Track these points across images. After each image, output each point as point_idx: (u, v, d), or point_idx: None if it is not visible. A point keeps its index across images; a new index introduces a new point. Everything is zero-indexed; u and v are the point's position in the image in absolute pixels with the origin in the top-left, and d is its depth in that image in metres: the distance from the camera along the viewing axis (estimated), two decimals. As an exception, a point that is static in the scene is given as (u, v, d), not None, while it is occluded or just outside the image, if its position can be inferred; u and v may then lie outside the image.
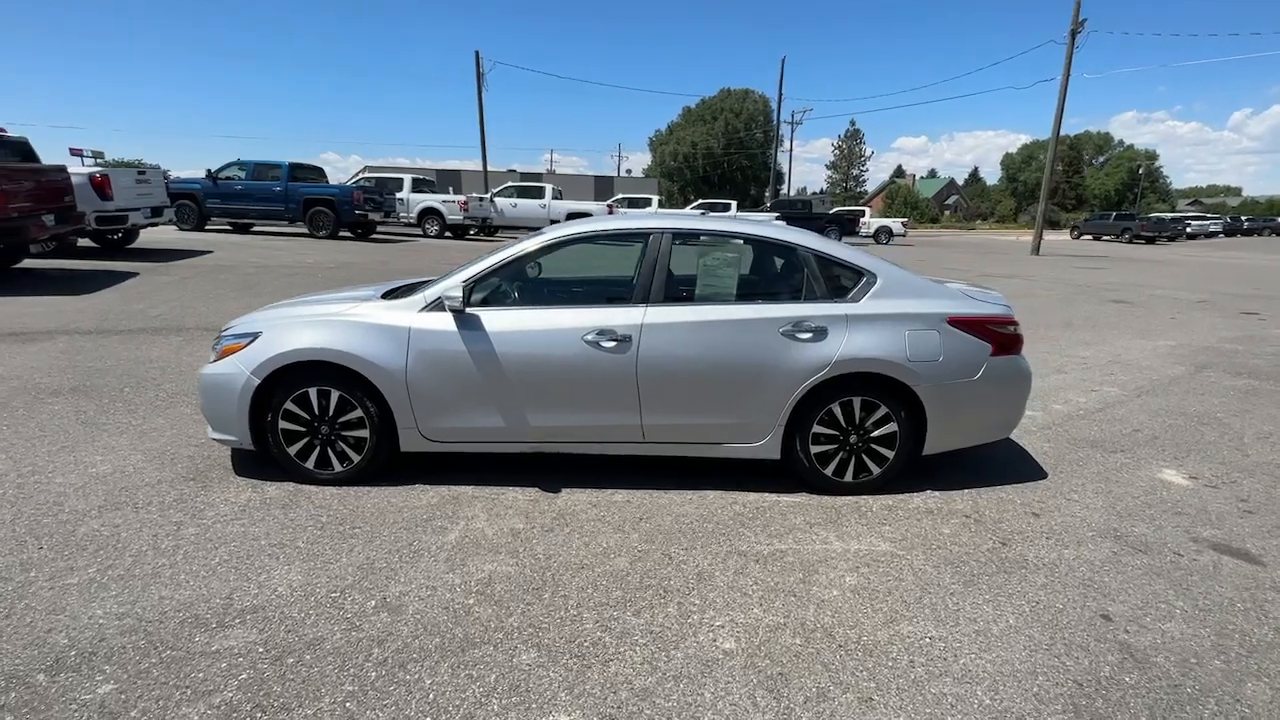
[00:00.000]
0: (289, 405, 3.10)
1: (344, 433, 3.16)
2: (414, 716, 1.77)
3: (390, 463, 3.24)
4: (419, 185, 18.09)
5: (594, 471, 3.36)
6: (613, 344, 3.05)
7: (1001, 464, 3.68)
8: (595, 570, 2.52)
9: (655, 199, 22.69)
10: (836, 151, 66.57)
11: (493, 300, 3.23)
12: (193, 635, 2.07)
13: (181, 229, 14.64)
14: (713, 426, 3.17)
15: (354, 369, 3.05)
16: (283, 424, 3.12)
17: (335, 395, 3.10)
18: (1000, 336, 3.22)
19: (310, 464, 3.17)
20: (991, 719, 1.81)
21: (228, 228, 15.84)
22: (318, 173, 15.51)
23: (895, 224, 28.17)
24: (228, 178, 14.53)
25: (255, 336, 3.14)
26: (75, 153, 18.99)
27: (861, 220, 26.98)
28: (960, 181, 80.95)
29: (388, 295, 3.34)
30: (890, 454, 3.20)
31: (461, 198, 17.64)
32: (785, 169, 49.52)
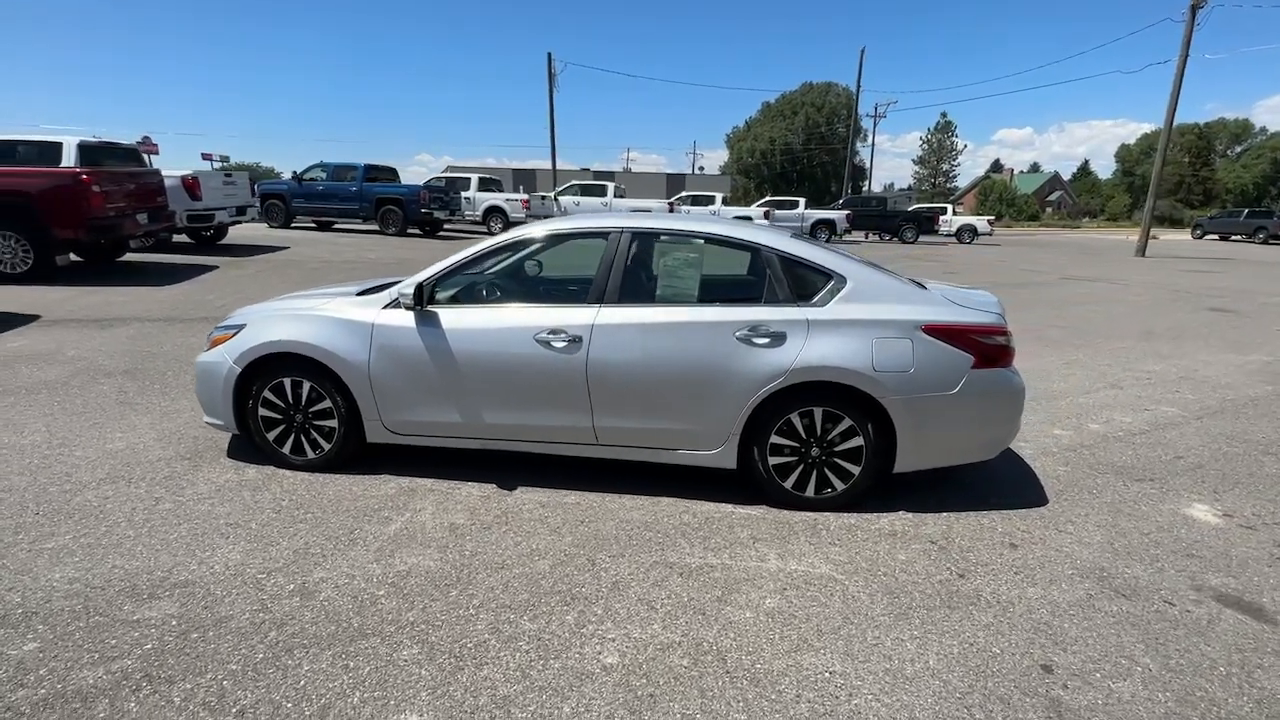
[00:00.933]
0: (267, 394, 3.30)
1: (316, 422, 3.32)
2: (278, 700, 1.84)
3: (359, 452, 3.38)
4: (485, 184, 18.75)
5: (556, 471, 3.35)
6: (564, 344, 3.03)
7: (1000, 486, 3.35)
8: (513, 571, 2.52)
9: (719, 196, 22.35)
10: (925, 146, 63.05)
11: (454, 298, 3.28)
12: (123, 604, 2.24)
13: (271, 226, 15.93)
14: (666, 432, 3.08)
15: (322, 361, 3.20)
16: (262, 411, 3.32)
17: (307, 386, 3.26)
18: (984, 347, 2.93)
19: (286, 449, 3.36)
20: (866, 768, 1.66)
21: (312, 225, 17.08)
22: (391, 173, 16.43)
23: (980, 222, 26.30)
24: (311, 179, 15.69)
25: (240, 328, 3.36)
26: (206, 157, 20.89)
27: (941, 218, 25.41)
28: (1067, 176, 74.57)
29: (364, 293, 3.48)
30: (856, 470, 3.00)
31: (524, 196, 18.14)
32: (868, 165, 47.58)
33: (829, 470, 3.02)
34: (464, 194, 18.05)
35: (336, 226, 17.35)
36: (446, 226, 18.27)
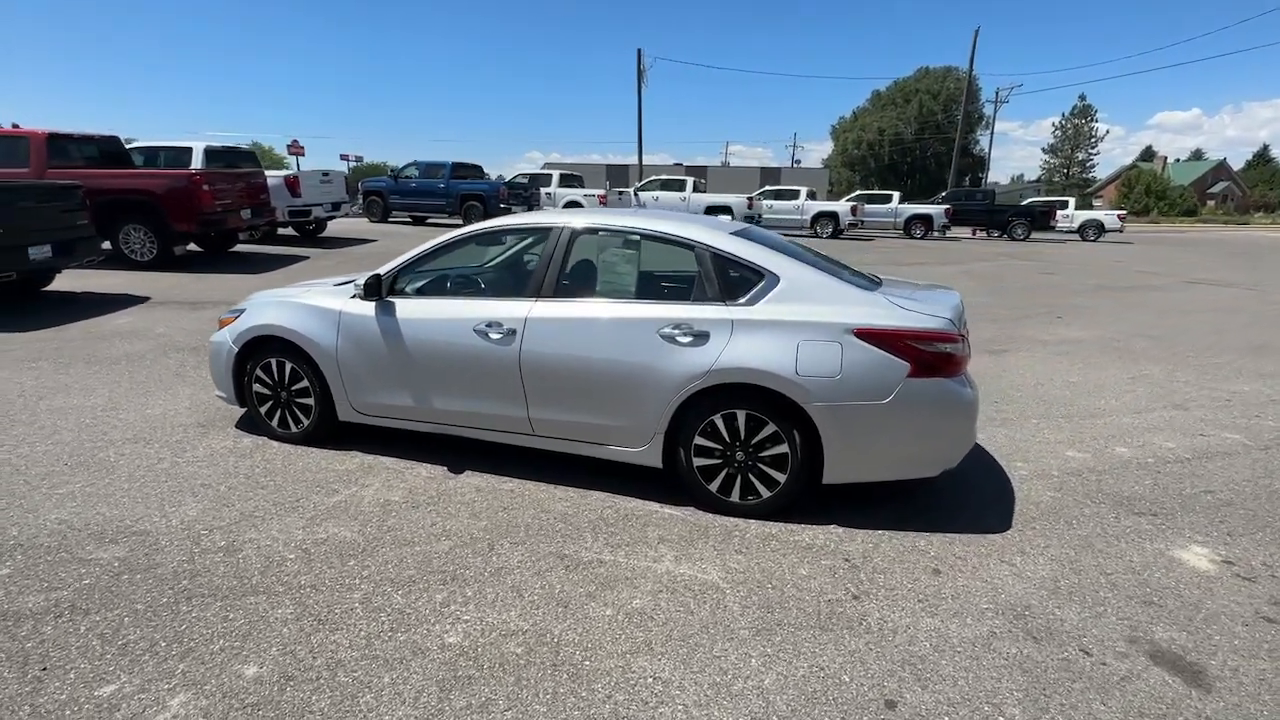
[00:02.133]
0: (259, 372, 3.68)
1: (298, 399, 3.66)
2: (156, 639, 2.09)
3: (334, 429, 3.68)
4: (566, 180, 19.34)
5: (509, 459, 3.47)
6: (499, 336, 3.13)
7: (965, 507, 3.07)
8: (414, 548, 2.67)
9: (803, 191, 21.50)
10: (1058, 133, 56.99)
11: (413, 289, 3.48)
12: (86, 545, 2.63)
13: (371, 220, 17.40)
14: (594, 426, 3.10)
15: (299, 345, 3.52)
16: (255, 387, 3.72)
17: (289, 366, 3.61)
18: (922, 355, 2.69)
19: (274, 423, 3.74)
20: (641, 776, 1.63)
21: (408, 220, 18.44)
22: (476, 170, 17.37)
23: (1107, 217, 23.46)
24: (406, 176, 16.96)
25: (242, 312, 3.77)
26: (344, 157, 22.99)
27: (1060, 213, 22.95)
28: (1239, 164, 64.50)
29: (341, 284, 3.77)
30: (782, 478, 2.87)
31: (601, 192, 18.51)
32: (988, 154, 43.79)
33: (754, 476, 2.92)
34: (545, 190, 18.72)
35: (430, 221, 18.61)
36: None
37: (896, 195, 22.46)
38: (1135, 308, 8.82)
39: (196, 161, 11.38)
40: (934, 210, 21.54)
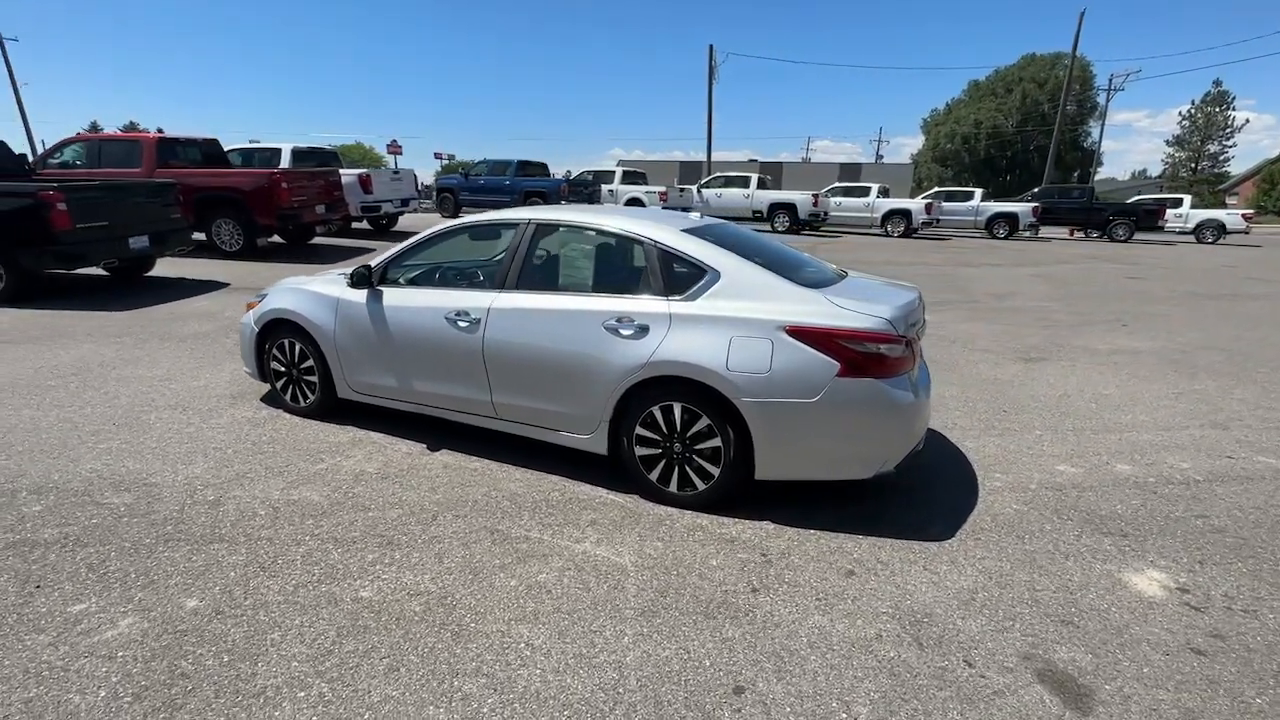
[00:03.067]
0: (275, 350, 4.11)
1: (305, 377, 4.06)
2: (129, 571, 2.46)
3: (336, 405, 4.04)
4: (629, 177, 19.59)
5: (484, 442, 3.68)
6: (466, 324, 3.36)
7: (915, 513, 2.99)
8: (368, 514, 2.93)
9: (874, 188, 20.61)
10: (1185, 123, 51.28)
11: (403, 280, 3.76)
12: (105, 491, 3.09)
13: (443, 216, 18.40)
14: (548, 413, 3.26)
15: (304, 328, 3.91)
16: (272, 364, 4.15)
17: (298, 347, 4.01)
18: (851, 354, 2.66)
19: (288, 397, 4.16)
20: (480, 726, 1.78)
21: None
22: (542, 168, 17.95)
23: (1229, 217, 20.98)
24: (476, 174, 17.80)
25: (264, 296, 4.21)
26: (438, 156, 24.37)
27: (1171, 212, 20.78)
28: None
29: (344, 273, 4.12)
30: (716, 471, 2.91)
31: (662, 189, 18.61)
32: (1098, 146, 40.20)
33: (690, 468, 2.98)
34: (607, 187, 19.06)
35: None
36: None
37: (979, 192, 21.12)
38: (1220, 319, 7.95)
39: (284, 161, 12.51)
40: (1020, 209, 20.10)
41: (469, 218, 3.74)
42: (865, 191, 20.43)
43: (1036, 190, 22.71)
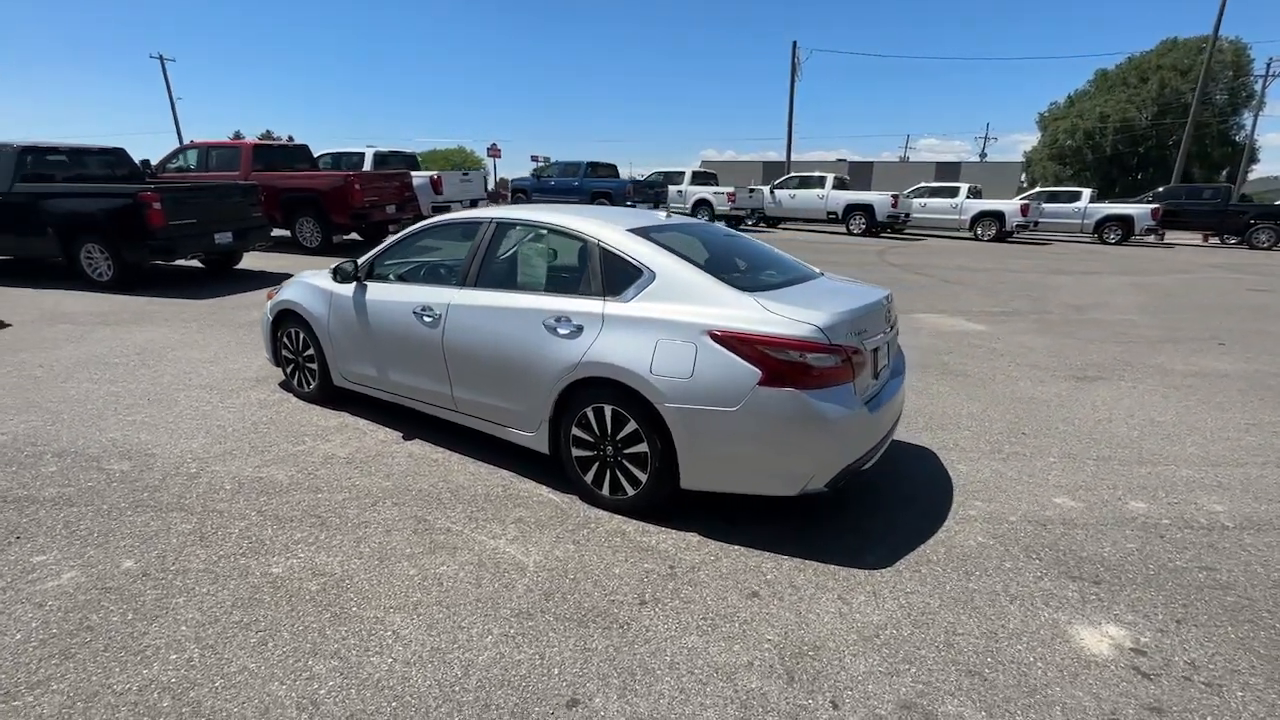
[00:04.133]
0: (284, 338, 4.44)
1: (308, 364, 4.35)
2: (94, 530, 2.74)
3: (334, 392, 4.30)
4: (698, 178, 19.41)
5: (454, 435, 3.79)
6: (430, 319, 3.47)
7: (860, 537, 2.77)
8: (317, 495, 3.10)
9: (964, 188, 19.12)
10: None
11: (389, 275, 3.94)
12: (111, 458, 3.46)
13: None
14: (499, 409, 3.30)
15: (304, 318, 4.19)
16: (282, 351, 4.48)
17: (301, 336, 4.30)
18: (773, 363, 2.49)
19: (295, 383, 4.48)
20: (349, 714, 1.84)
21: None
22: (611, 170, 18.17)
23: None
24: (547, 175, 18.32)
25: (279, 288, 4.55)
26: (534, 158, 25.43)
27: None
28: None
29: (349, 267, 4.37)
30: (644, 477, 2.83)
31: (729, 190, 18.27)
32: (1250, 140, 35.30)
33: (620, 472, 2.92)
34: (677, 188, 19.01)
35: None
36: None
37: (1087, 193, 19.14)
38: (1353, 339, 6.74)
39: (367, 164, 13.46)
40: (1136, 211, 18.04)
41: (441, 216, 3.87)
42: (953, 192, 19.09)
43: (1160, 190, 20.26)
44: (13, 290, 7.89)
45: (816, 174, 19.66)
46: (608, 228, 3.12)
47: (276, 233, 11.26)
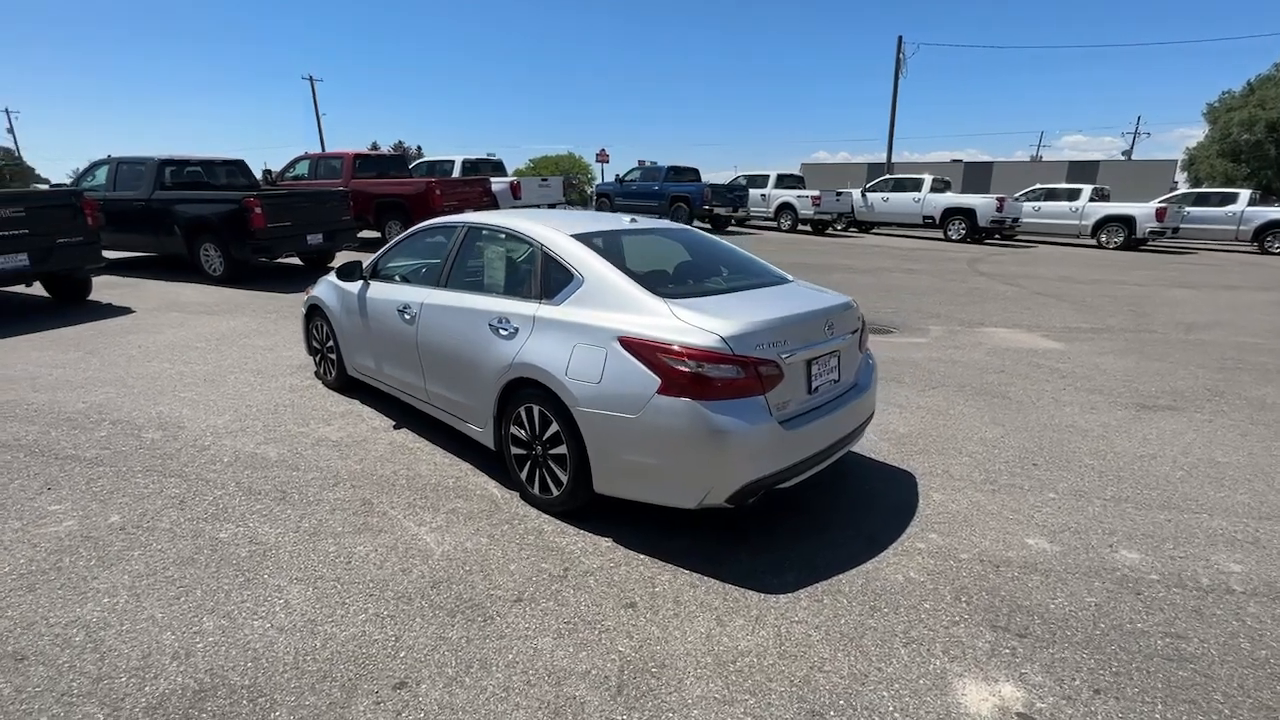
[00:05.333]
0: (313, 330, 4.91)
1: (329, 355, 4.78)
2: (104, 488, 3.20)
3: (349, 381, 4.69)
4: (783, 181, 18.84)
5: (439, 428, 4.02)
6: (409, 317, 3.71)
7: (776, 557, 2.63)
8: (293, 473, 3.42)
9: (1087, 189, 17.02)
10: None
11: (392, 275, 4.24)
12: (150, 428, 4.01)
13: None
14: (458, 404, 3.47)
15: (326, 313, 4.61)
16: (313, 342, 4.96)
17: (325, 328, 4.73)
18: (670, 371, 2.43)
19: (320, 371, 4.94)
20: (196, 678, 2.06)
21: (633, 219, 20.18)
22: (693, 173, 18.14)
23: None
24: (630, 180, 18.63)
25: (313, 285, 5.03)
26: (641, 163, 26.25)
27: None
28: None
29: (367, 267, 4.74)
30: (565, 478, 2.86)
31: (815, 193, 17.56)
32: None
33: (548, 473, 2.96)
34: (760, 191, 18.60)
35: (652, 221, 20.06)
36: (737, 223, 19.20)
37: (1245, 194, 16.48)
38: None
39: (455, 171, 14.41)
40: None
41: (430, 220, 4.11)
42: (1073, 194, 17.18)
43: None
44: (149, 281, 9.28)
45: (913, 176, 18.46)
46: (555, 232, 3.19)
47: (369, 234, 12.37)
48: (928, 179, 17.87)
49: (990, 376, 5.38)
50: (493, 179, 13.46)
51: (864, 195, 18.95)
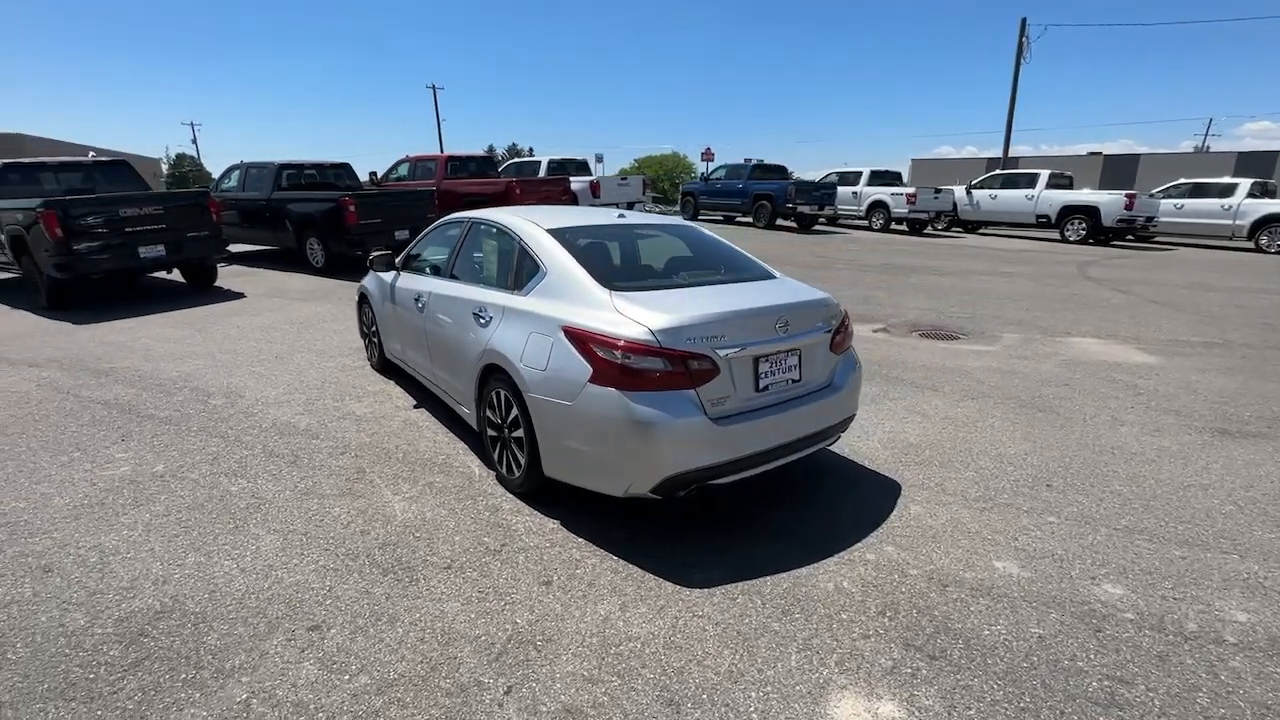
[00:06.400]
0: (363, 316, 5.40)
1: (373, 339, 5.24)
2: (160, 444, 3.76)
3: (390, 364, 5.12)
4: (877, 178, 17.83)
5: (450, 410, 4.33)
6: (420, 305, 4.02)
7: (712, 556, 2.62)
8: (313, 441, 3.82)
9: (1244, 184, 14.61)
10: None
11: (415, 267, 4.58)
12: (216, 396, 4.62)
13: (684, 218, 19.61)
14: (453, 386, 3.72)
15: (370, 301, 5.07)
16: (362, 327, 5.47)
17: (370, 313, 5.20)
18: (599, 361, 2.49)
19: (367, 354, 5.43)
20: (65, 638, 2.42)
21: (719, 219, 20.00)
22: (780, 171, 17.65)
23: None
24: (715, 178, 18.48)
25: (366, 275, 5.54)
26: (747, 161, 26.30)
27: None
28: None
29: (406, 259, 5.14)
30: (524, 460, 3.00)
31: (909, 190, 16.45)
32: None
33: (511, 455, 3.12)
34: (852, 189, 17.77)
35: (739, 220, 19.80)
36: (826, 222, 18.45)
37: None
38: None
39: (542, 171, 15.04)
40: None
41: (448, 216, 4.39)
42: (1227, 190, 14.92)
43: None
44: (266, 271, 10.55)
45: (1026, 170, 16.84)
46: (534, 227, 3.33)
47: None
48: (1044, 174, 16.24)
49: (1048, 389, 4.89)
50: (573, 178, 13.92)
51: (968, 192, 17.56)
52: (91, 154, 10.30)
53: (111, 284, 9.04)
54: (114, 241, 7.57)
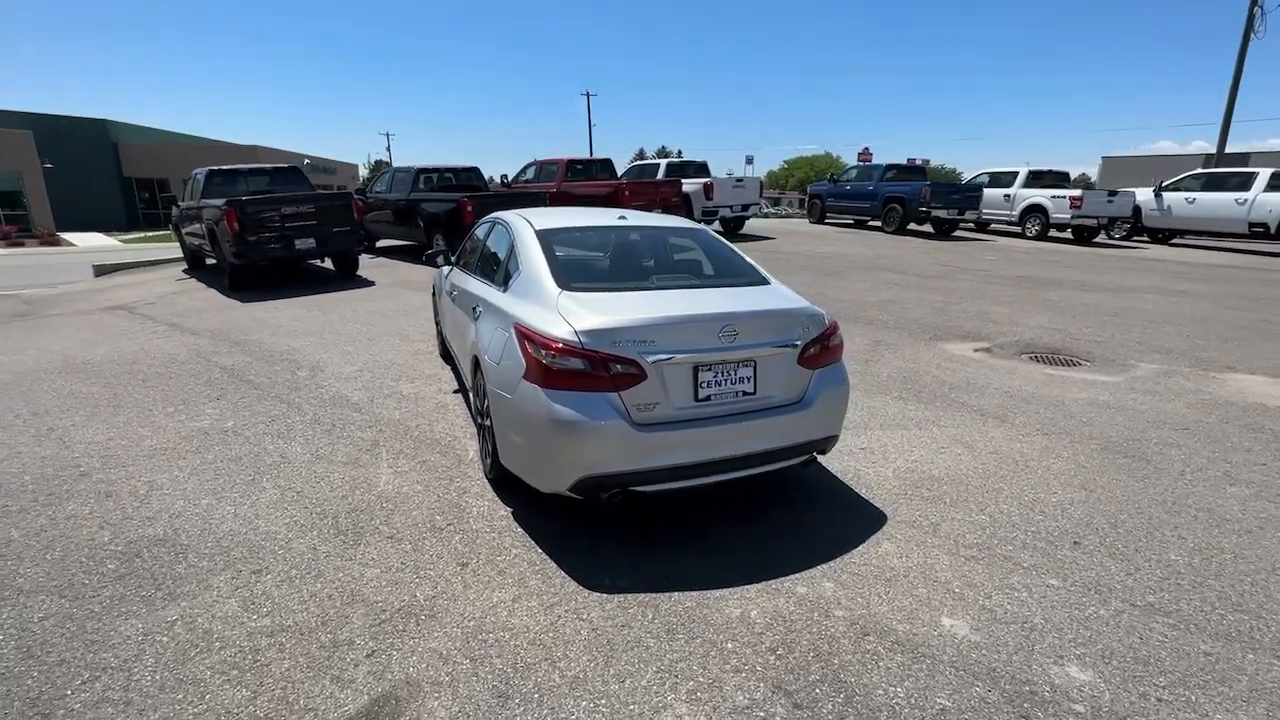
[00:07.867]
0: (435, 306, 5.94)
1: (439, 328, 5.73)
2: (246, 402, 4.45)
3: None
4: (1036, 178, 15.58)
5: None
6: (453, 298, 4.35)
7: (635, 562, 2.59)
8: (355, 414, 4.30)
9: None
10: None
11: (462, 263, 4.93)
12: (302, 368, 5.35)
13: (810, 221, 18.73)
14: (464, 374, 3.98)
15: (434, 293, 5.56)
16: (435, 317, 6.01)
17: (435, 306, 5.70)
18: (530, 359, 2.56)
19: (437, 341, 5.96)
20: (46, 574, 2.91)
21: (849, 222, 18.84)
22: (918, 173, 16.18)
23: None
24: (844, 179, 17.44)
25: (442, 269, 6.07)
26: (911, 160, 25.10)
27: None
28: None
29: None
30: (490, 448, 3.16)
31: (1074, 193, 14.15)
32: None
33: (485, 443, 3.28)
34: (1004, 191, 15.79)
35: (870, 225, 18.52)
36: (969, 229, 16.56)
37: None
38: None
39: (660, 173, 15.29)
40: None
41: (488, 215, 4.67)
42: None
43: None
44: (400, 263, 11.90)
45: (1237, 170, 13.84)
46: (527, 227, 3.47)
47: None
48: (1264, 173, 13.25)
49: (1155, 433, 4.08)
50: (685, 180, 13.97)
51: (1157, 195, 14.85)
52: (306, 160, 12.34)
53: (279, 270, 10.78)
54: (276, 234, 9.04)
